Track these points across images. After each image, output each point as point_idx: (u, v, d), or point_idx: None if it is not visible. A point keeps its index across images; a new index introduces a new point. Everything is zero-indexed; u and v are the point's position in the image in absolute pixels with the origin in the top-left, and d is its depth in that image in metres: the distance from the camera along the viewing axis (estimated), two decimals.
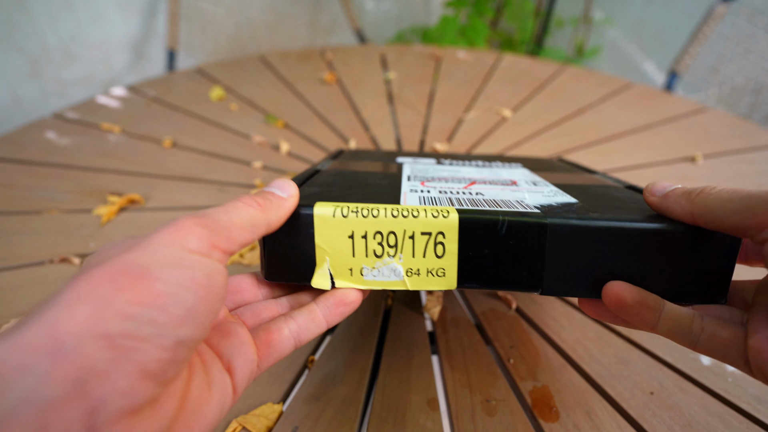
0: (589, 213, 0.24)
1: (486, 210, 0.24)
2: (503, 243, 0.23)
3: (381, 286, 0.24)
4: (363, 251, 0.24)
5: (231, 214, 0.19)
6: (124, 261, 0.15)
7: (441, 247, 0.23)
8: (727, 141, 0.64)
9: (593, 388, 0.33)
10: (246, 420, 0.30)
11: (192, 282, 0.16)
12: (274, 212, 0.21)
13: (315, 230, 0.23)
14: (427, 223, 0.23)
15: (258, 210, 0.20)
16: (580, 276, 0.24)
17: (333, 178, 0.31)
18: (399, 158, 0.42)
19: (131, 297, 0.15)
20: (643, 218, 0.23)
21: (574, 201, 0.27)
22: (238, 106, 0.74)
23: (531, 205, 0.25)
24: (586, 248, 0.23)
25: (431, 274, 0.24)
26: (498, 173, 0.35)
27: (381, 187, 0.29)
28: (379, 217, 0.23)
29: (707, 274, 0.24)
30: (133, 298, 0.15)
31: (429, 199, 0.26)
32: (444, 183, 0.30)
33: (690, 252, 0.23)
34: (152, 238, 0.17)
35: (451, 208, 0.23)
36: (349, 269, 0.24)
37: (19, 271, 0.43)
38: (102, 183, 0.55)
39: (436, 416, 0.31)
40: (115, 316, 0.14)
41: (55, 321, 0.14)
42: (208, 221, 0.18)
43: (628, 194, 0.29)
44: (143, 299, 0.15)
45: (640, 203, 0.26)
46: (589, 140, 0.65)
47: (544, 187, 0.31)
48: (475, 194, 0.27)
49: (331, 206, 0.23)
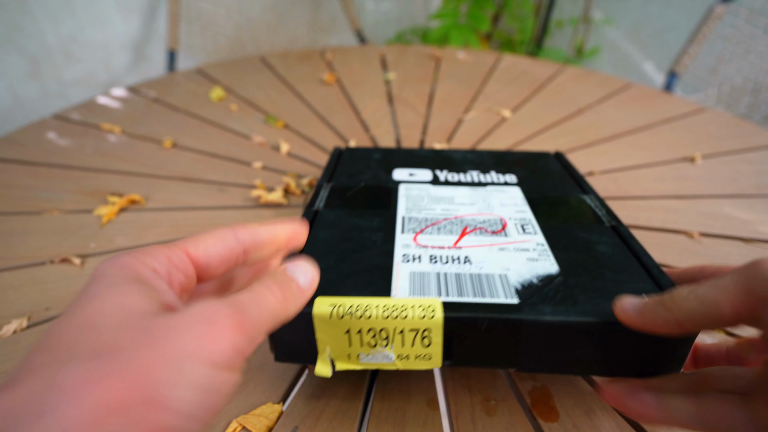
0: (565, 302, 0.26)
1: (469, 304, 0.26)
2: (483, 334, 0.26)
3: (375, 367, 0.28)
4: (359, 343, 0.27)
5: (261, 307, 0.17)
6: (140, 374, 0.13)
7: (427, 339, 0.26)
8: (726, 141, 0.65)
9: (593, 388, 0.33)
10: (246, 420, 0.30)
11: (209, 411, 0.14)
12: (293, 305, 0.20)
13: (315, 326, 0.26)
14: (414, 323, 0.26)
15: (281, 303, 0.19)
16: (555, 357, 0.27)
17: (330, 231, 0.34)
18: (396, 172, 0.43)
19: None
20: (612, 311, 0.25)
21: (556, 272, 0.29)
22: (238, 106, 0.74)
23: (512, 284, 0.28)
24: (559, 337, 0.26)
25: (419, 358, 0.27)
26: (490, 203, 0.37)
27: (376, 249, 0.32)
28: (372, 317, 0.26)
29: (668, 356, 0.26)
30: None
31: (419, 276, 0.29)
32: (436, 234, 0.33)
33: (655, 342, 0.25)
34: (180, 331, 0.14)
35: (437, 304, 0.26)
36: (347, 355, 0.27)
37: (20, 271, 0.43)
38: (102, 183, 0.55)
39: (435, 416, 0.31)
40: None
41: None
42: (247, 322, 0.16)
43: (614, 246, 0.32)
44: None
45: (624, 266, 0.29)
46: (589, 140, 0.65)
47: (531, 236, 0.33)
48: (464, 260, 0.30)
49: (328, 306, 0.26)
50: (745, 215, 0.51)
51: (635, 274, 0.29)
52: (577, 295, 0.27)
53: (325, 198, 0.39)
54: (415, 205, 0.37)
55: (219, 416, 0.31)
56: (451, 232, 0.33)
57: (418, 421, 0.30)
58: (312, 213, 0.36)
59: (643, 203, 0.52)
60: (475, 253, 0.31)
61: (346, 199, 0.38)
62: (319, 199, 0.38)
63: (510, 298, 0.27)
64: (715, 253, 0.45)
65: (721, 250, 0.46)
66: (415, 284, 0.28)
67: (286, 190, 0.54)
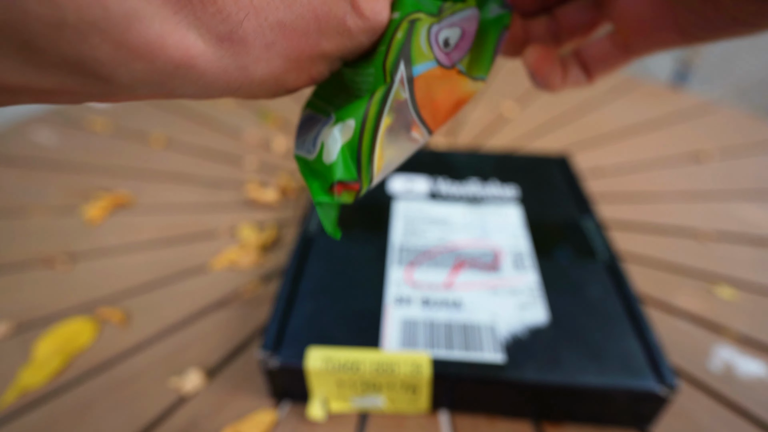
0: (549, 362, 0.28)
1: (455, 362, 0.28)
2: (469, 388, 0.28)
3: (365, 409, 0.30)
4: (350, 391, 0.29)
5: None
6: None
7: (415, 391, 0.28)
8: (739, 137, 0.64)
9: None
10: (239, 427, 0.29)
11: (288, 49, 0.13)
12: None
13: (308, 377, 0.28)
14: (403, 378, 0.28)
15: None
16: (536, 405, 0.29)
17: (324, 265, 0.34)
18: (392, 180, 0.43)
19: None
20: (594, 372, 0.27)
21: (544, 323, 0.30)
22: (231, 102, 0.73)
23: (499, 337, 0.29)
24: (541, 395, 0.28)
25: (407, 403, 0.29)
26: (487, 227, 0.37)
27: (369, 289, 0.32)
28: (362, 371, 0.27)
29: (641, 414, 0.28)
30: None
31: (410, 325, 0.30)
32: (429, 269, 0.34)
33: (628, 400, 0.27)
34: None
35: (425, 361, 0.28)
36: (339, 398, 0.29)
37: (3, 273, 0.41)
38: (90, 181, 0.54)
39: (436, 424, 0.30)
40: None
41: None
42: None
43: (606, 290, 0.33)
44: None
45: (613, 317, 0.31)
46: (595, 135, 0.64)
47: (523, 275, 0.33)
48: (455, 305, 0.31)
49: (321, 360, 0.28)
50: (758, 214, 0.50)
51: (622, 329, 0.30)
52: (562, 353, 0.28)
53: (318, 218, 0.39)
54: (410, 229, 0.38)
55: (210, 424, 0.30)
56: (444, 266, 0.34)
57: (419, 428, 0.30)
58: (306, 238, 0.37)
59: (653, 201, 0.52)
60: (466, 296, 0.32)
61: (340, 219, 0.38)
62: (312, 220, 0.38)
63: (496, 354, 0.28)
64: (726, 254, 0.44)
65: (733, 251, 0.45)
66: (405, 334, 0.29)
67: (280, 189, 0.53)
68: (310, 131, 0.16)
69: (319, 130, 0.16)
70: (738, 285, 0.41)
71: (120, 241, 0.45)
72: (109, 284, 0.40)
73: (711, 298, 0.40)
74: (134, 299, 0.39)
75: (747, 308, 0.39)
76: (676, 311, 0.39)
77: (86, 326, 0.36)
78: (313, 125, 0.16)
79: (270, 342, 0.29)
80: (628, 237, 0.46)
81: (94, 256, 0.43)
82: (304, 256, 0.35)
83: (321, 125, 0.16)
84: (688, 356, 0.35)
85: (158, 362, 0.34)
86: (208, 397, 0.32)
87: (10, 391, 0.32)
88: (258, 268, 0.42)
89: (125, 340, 0.36)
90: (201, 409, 0.31)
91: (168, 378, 0.33)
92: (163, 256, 0.43)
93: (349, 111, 0.15)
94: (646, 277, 0.42)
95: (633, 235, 0.47)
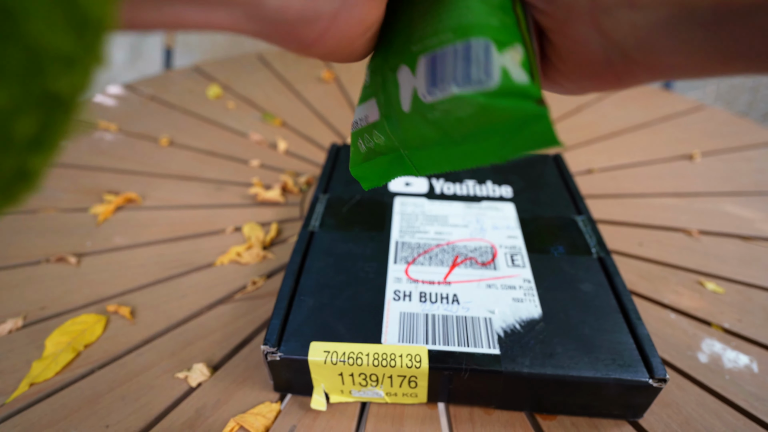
0: (543, 354, 0.28)
1: (453, 354, 0.29)
2: (466, 381, 0.29)
3: (365, 400, 0.31)
4: (351, 383, 0.30)
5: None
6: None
7: (414, 382, 0.29)
8: (725, 138, 0.64)
9: None
10: (244, 419, 0.30)
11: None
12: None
13: (310, 369, 0.29)
14: (402, 370, 0.28)
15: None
16: (533, 400, 0.30)
17: (325, 260, 0.35)
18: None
19: None
20: (587, 365, 0.28)
21: (539, 317, 0.31)
22: (236, 104, 0.74)
23: (496, 329, 0.30)
24: (536, 387, 0.29)
25: (406, 395, 0.30)
26: (483, 225, 0.39)
27: (368, 284, 0.33)
28: (363, 364, 0.28)
29: (634, 404, 0.29)
30: None
31: (409, 318, 0.31)
32: (427, 265, 0.35)
33: (620, 391, 0.28)
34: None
35: (423, 353, 0.28)
36: (340, 390, 0.30)
37: (16, 270, 0.42)
38: (98, 182, 0.55)
39: (434, 415, 0.31)
40: None
41: None
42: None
43: (598, 285, 0.33)
44: None
45: (606, 312, 0.31)
46: (587, 138, 0.65)
47: (518, 270, 0.34)
48: (452, 300, 0.32)
49: (322, 354, 0.29)
50: (743, 213, 0.50)
51: (614, 323, 0.31)
52: (555, 347, 0.29)
53: (321, 215, 0.40)
54: (408, 226, 0.38)
55: (215, 416, 0.31)
56: (442, 262, 0.35)
57: (417, 419, 0.30)
58: (308, 235, 0.38)
59: (642, 201, 0.52)
60: (463, 290, 0.33)
61: (341, 217, 0.39)
62: (315, 216, 0.39)
63: (492, 348, 0.29)
64: (713, 251, 0.45)
65: (720, 248, 0.46)
66: (404, 327, 0.30)
67: (284, 188, 0.54)
68: (434, 79, 0.16)
69: (456, 68, 0.15)
70: (725, 280, 0.42)
71: (128, 239, 0.46)
72: (117, 281, 0.42)
73: (699, 292, 0.41)
74: (142, 295, 0.40)
75: (733, 302, 0.40)
76: (665, 305, 0.39)
77: (96, 321, 0.37)
78: (407, 85, 0.17)
79: (273, 336, 0.29)
80: (619, 235, 0.47)
81: (103, 253, 0.45)
82: (306, 253, 0.36)
83: (448, 59, 0.15)
84: (676, 348, 0.35)
85: (165, 356, 0.35)
86: (213, 390, 0.32)
87: (23, 383, 0.33)
88: (262, 265, 0.43)
89: (133, 334, 0.37)
90: (207, 401, 0.32)
91: (175, 371, 0.34)
92: (170, 254, 0.45)
93: (503, 35, 0.15)
94: (636, 272, 0.42)
95: (623, 233, 0.47)
